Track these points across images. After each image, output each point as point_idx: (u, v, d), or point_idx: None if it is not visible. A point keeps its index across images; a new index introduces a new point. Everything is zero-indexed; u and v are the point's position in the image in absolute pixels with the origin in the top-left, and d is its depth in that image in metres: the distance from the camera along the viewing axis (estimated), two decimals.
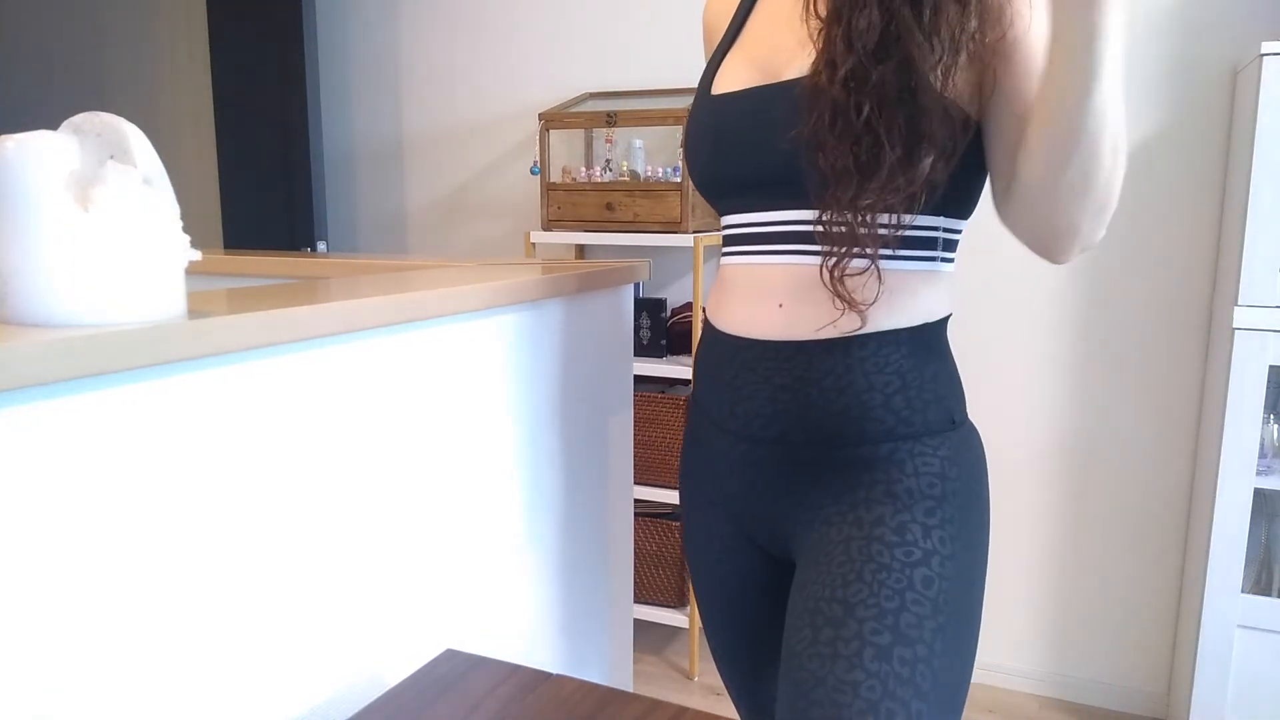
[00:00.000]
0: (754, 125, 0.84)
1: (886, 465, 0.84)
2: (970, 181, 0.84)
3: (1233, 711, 1.83)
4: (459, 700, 0.82)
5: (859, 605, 0.80)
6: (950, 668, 0.80)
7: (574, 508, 1.35)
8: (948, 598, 0.81)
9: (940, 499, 0.84)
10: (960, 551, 0.83)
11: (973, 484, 0.86)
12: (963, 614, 0.82)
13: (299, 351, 0.83)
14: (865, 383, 0.83)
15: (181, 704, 0.75)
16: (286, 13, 2.71)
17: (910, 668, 0.78)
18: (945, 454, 0.85)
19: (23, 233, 0.62)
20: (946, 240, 0.85)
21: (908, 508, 0.83)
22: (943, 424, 0.86)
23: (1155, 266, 2.03)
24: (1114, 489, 2.13)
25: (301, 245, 2.79)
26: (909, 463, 0.84)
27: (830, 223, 0.78)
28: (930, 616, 0.80)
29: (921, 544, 0.82)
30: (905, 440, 0.84)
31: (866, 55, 0.74)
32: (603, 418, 1.41)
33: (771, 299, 0.85)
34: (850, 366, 0.83)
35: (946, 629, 0.80)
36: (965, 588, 0.83)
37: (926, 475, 0.85)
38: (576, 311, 1.31)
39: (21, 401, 0.61)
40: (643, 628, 2.47)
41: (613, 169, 2.33)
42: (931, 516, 0.83)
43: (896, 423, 0.84)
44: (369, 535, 0.94)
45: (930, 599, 0.80)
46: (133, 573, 0.70)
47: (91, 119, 0.67)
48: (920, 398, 0.84)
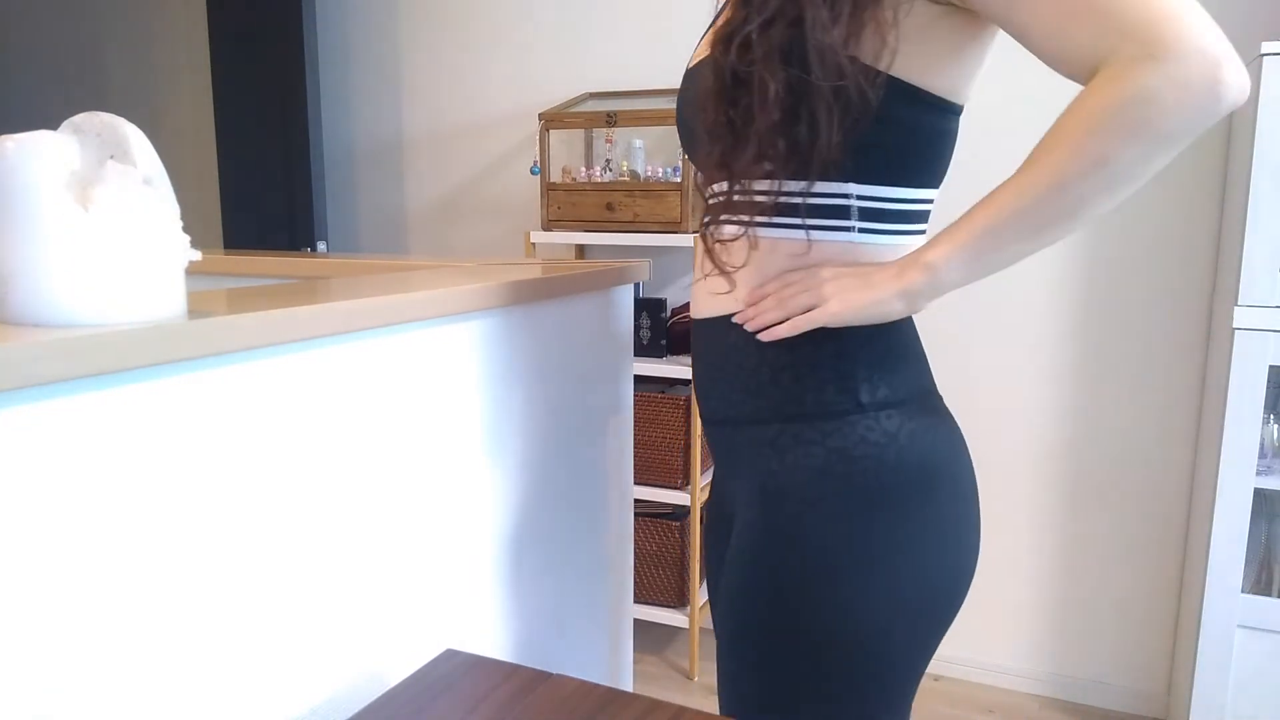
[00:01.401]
0: (690, 95, 0.83)
1: (769, 452, 0.79)
2: (893, 145, 0.76)
3: (1233, 711, 1.83)
4: (459, 700, 0.82)
5: (725, 625, 0.83)
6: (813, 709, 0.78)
7: (574, 508, 1.35)
8: (800, 638, 0.77)
9: (812, 503, 0.76)
10: (825, 574, 0.75)
11: (880, 485, 0.76)
12: (826, 655, 0.76)
13: (299, 351, 0.83)
14: (757, 357, 0.79)
15: (182, 704, 0.75)
16: (286, 13, 2.71)
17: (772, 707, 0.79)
18: (837, 444, 0.76)
19: (23, 233, 0.62)
20: (865, 209, 0.77)
21: (774, 512, 0.78)
22: (844, 406, 0.76)
23: (1155, 267, 2.03)
24: (1114, 489, 2.13)
25: (301, 245, 2.79)
26: (790, 452, 0.77)
27: (703, 187, 0.78)
28: (773, 663, 0.78)
29: (773, 570, 0.77)
30: (792, 422, 0.77)
31: (759, 15, 0.71)
32: (603, 418, 1.41)
33: (700, 273, 0.86)
34: (747, 340, 0.79)
35: (800, 669, 0.77)
36: (829, 624, 0.76)
37: (804, 470, 0.77)
38: (577, 311, 1.31)
39: (21, 401, 0.61)
40: (643, 628, 2.47)
41: (613, 169, 2.33)
42: (797, 526, 0.76)
43: (784, 400, 0.78)
44: (369, 535, 0.94)
45: (766, 638, 0.78)
46: (133, 573, 0.70)
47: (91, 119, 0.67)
48: (814, 375, 0.77)
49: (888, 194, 0.78)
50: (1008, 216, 0.69)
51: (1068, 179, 0.66)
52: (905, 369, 0.79)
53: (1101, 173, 0.65)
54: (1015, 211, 0.69)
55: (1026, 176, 0.68)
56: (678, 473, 2.24)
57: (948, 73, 0.74)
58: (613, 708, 0.80)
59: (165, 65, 3.18)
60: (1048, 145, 0.67)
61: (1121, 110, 0.63)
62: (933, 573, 0.78)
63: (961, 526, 0.80)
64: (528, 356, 1.19)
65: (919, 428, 0.78)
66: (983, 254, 0.71)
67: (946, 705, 2.20)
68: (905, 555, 0.76)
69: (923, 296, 0.74)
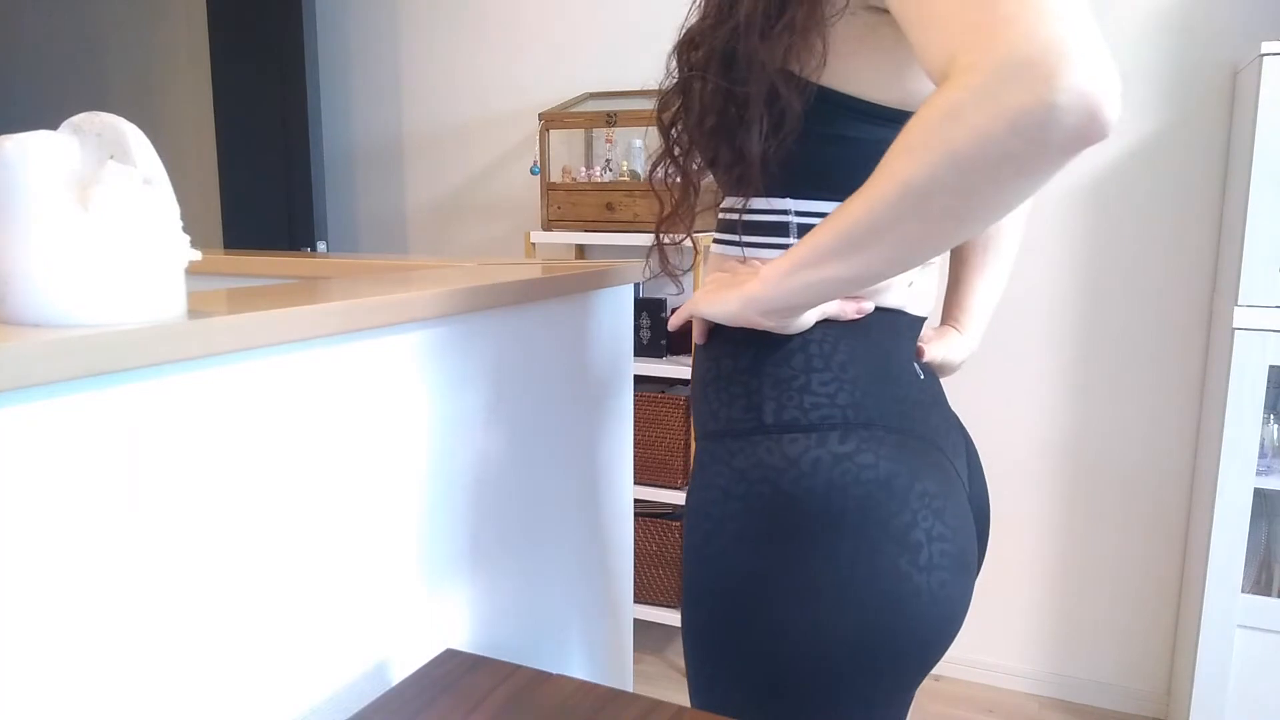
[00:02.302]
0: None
1: (697, 467, 0.77)
2: (834, 158, 0.71)
3: (1233, 711, 1.83)
4: (459, 700, 0.82)
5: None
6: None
7: (574, 508, 1.35)
8: (722, 653, 0.73)
9: (719, 521, 0.72)
10: (731, 602, 0.71)
11: (775, 512, 0.69)
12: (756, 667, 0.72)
13: (299, 351, 0.83)
14: (698, 372, 0.79)
15: (182, 704, 0.75)
16: (287, 13, 2.71)
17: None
18: (741, 465, 0.71)
19: (23, 233, 0.62)
20: (805, 226, 0.72)
21: (690, 532, 0.76)
22: (748, 425, 0.71)
23: (1155, 266, 2.03)
24: (1114, 489, 2.13)
25: (301, 245, 2.79)
26: (705, 470, 0.74)
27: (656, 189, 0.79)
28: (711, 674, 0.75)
29: (691, 587, 0.75)
30: (708, 439, 0.75)
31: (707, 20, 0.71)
32: (603, 418, 1.41)
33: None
34: (699, 354, 0.80)
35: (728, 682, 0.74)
36: (751, 643, 0.71)
37: (713, 489, 0.73)
38: (576, 311, 1.31)
39: (21, 401, 0.61)
40: (643, 628, 2.47)
41: (613, 169, 2.33)
42: (705, 550, 0.73)
43: (708, 417, 0.76)
44: (369, 535, 0.94)
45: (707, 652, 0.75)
46: (133, 572, 0.70)
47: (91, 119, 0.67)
48: (728, 389, 0.73)
49: (825, 210, 0.73)
50: (832, 237, 0.62)
51: (877, 204, 0.58)
52: (830, 391, 0.71)
53: (905, 196, 0.56)
54: (838, 233, 0.62)
55: (853, 197, 0.61)
56: (678, 473, 2.24)
57: (894, 83, 0.68)
58: (613, 708, 0.80)
59: (165, 65, 3.18)
60: (879, 165, 0.59)
61: (928, 131, 0.54)
62: (838, 627, 0.69)
63: (888, 581, 0.69)
64: (528, 356, 1.19)
65: (828, 456, 0.69)
66: (806, 271, 0.64)
67: (946, 705, 2.20)
68: (806, 597, 0.69)
69: (755, 305, 0.69)
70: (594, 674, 1.46)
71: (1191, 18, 1.93)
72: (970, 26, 0.51)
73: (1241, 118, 1.82)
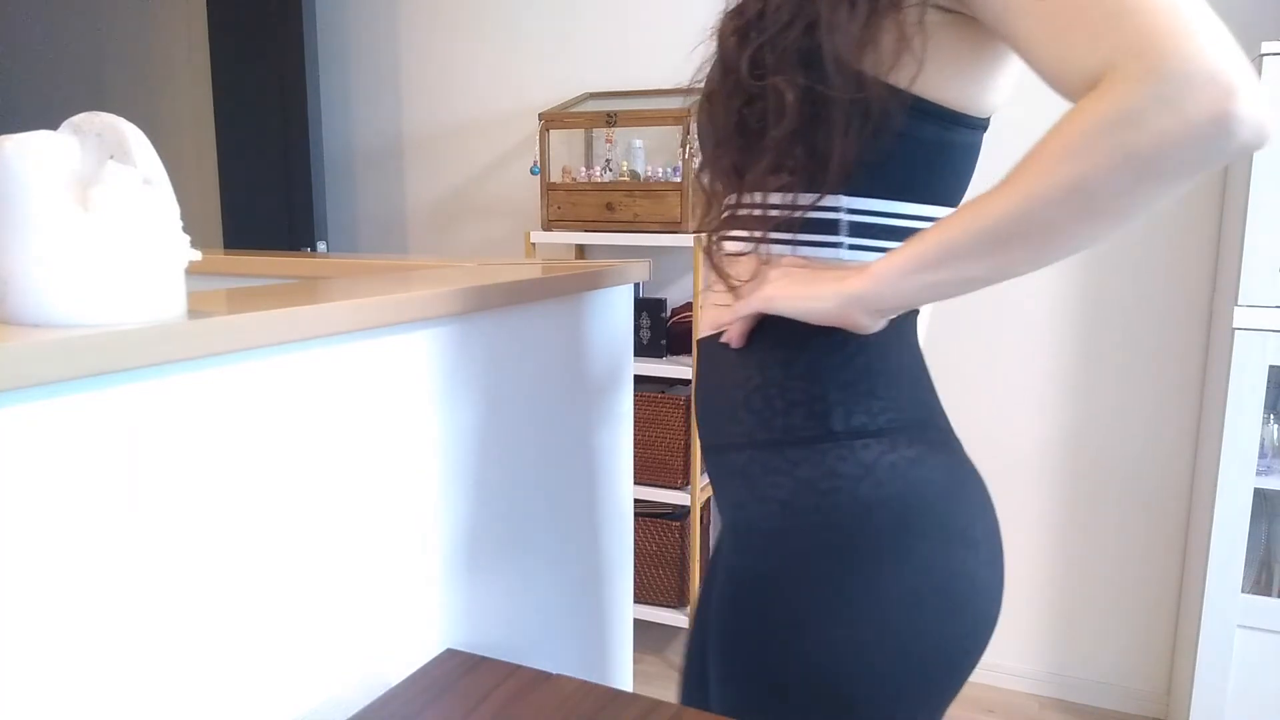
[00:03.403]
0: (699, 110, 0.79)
1: (740, 482, 0.73)
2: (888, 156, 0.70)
3: (1233, 711, 1.83)
4: (459, 700, 0.82)
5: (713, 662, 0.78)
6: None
7: (574, 508, 1.35)
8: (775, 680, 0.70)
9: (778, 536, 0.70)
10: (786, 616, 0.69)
11: (853, 522, 0.68)
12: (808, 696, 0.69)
13: (299, 351, 0.83)
14: (731, 378, 0.74)
15: (181, 704, 0.75)
16: (287, 13, 2.71)
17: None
18: (809, 474, 0.69)
19: (23, 233, 0.62)
20: (854, 224, 0.72)
21: (743, 549, 0.73)
22: (812, 434, 0.69)
23: (1155, 266, 2.03)
24: (1114, 489, 2.13)
25: (301, 245, 2.79)
26: (759, 482, 0.71)
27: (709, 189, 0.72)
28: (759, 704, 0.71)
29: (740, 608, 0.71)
30: (762, 449, 0.71)
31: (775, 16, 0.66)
32: (603, 418, 1.41)
33: (704, 288, 0.84)
34: (725, 360, 0.75)
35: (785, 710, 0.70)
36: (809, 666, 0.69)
37: (770, 503, 0.70)
38: (576, 311, 1.31)
39: (21, 401, 0.61)
40: (643, 628, 2.47)
41: (613, 169, 2.33)
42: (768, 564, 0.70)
43: (755, 425, 0.72)
44: (369, 535, 0.94)
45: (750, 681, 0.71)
46: (132, 573, 0.70)
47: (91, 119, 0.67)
48: (784, 396, 0.71)
49: (879, 208, 0.72)
50: (964, 235, 0.62)
51: (1035, 203, 0.59)
52: (892, 394, 0.71)
53: (1073, 198, 0.57)
54: (973, 231, 0.62)
55: (991, 196, 0.62)
56: (678, 473, 2.24)
57: (956, 83, 0.69)
58: (613, 708, 0.80)
59: (165, 65, 3.18)
60: (1022, 165, 0.60)
61: (1101, 133, 0.55)
62: (916, 634, 0.68)
63: (960, 581, 0.69)
64: (528, 356, 1.19)
65: (903, 460, 0.69)
66: (931, 270, 0.64)
67: None
68: (880, 608, 0.68)
69: (858, 304, 0.67)
70: (594, 674, 1.46)
71: None
72: (1140, 35, 0.53)
73: None
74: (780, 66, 0.65)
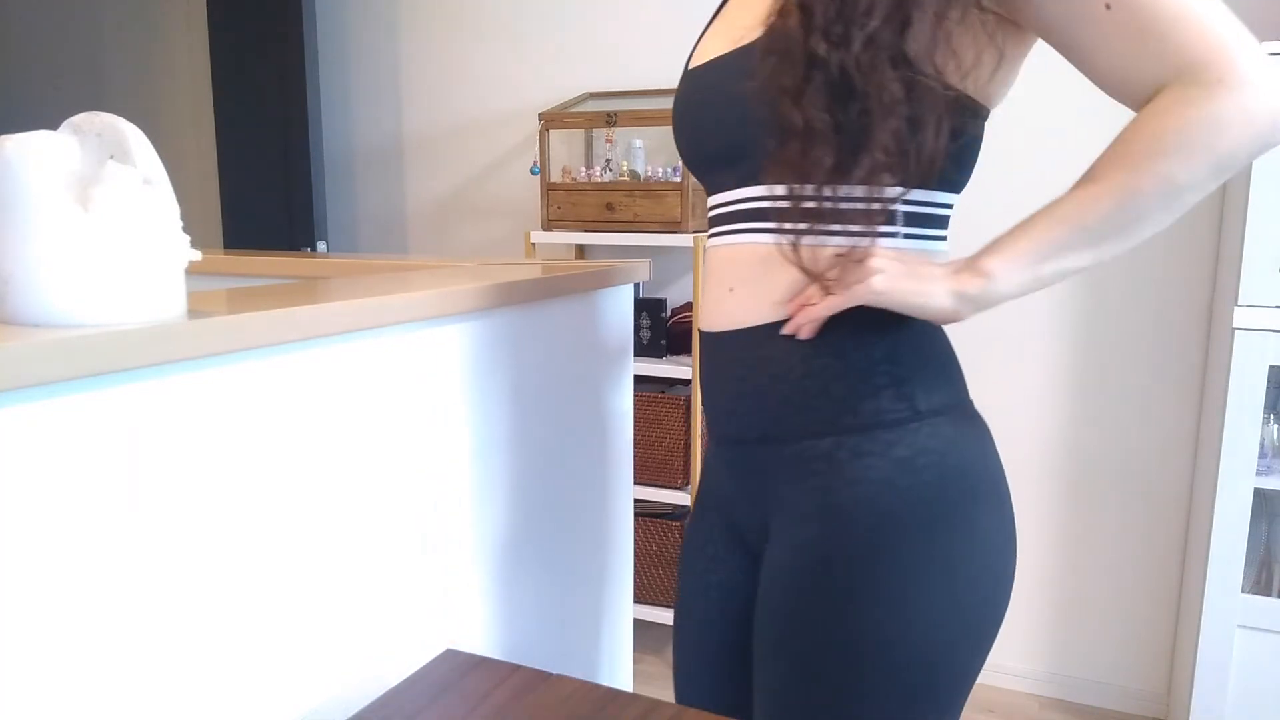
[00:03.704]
0: (713, 96, 0.79)
1: (825, 468, 0.75)
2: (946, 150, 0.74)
3: (1233, 711, 1.83)
4: (459, 700, 0.82)
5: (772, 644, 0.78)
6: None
7: (574, 508, 1.35)
8: (872, 656, 0.73)
9: (882, 518, 0.73)
10: (904, 590, 0.72)
11: (942, 495, 0.73)
12: (899, 670, 0.73)
13: (299, 351, 0.83)
14: (803, 367, 0.75)
15: (181, 704, 0.75)
16: (287, 13, 2.71)
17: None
18: (901, 454, 0.73)
19: (23, 233, 0.62)
20: (907, 214, 0.76)
21: (839, 530, 0.74)
22: (902, 415, 0.73)
23: (1155, 266, 2.03)
24: (1114, 489, 2.13)
25: (301, 245, 2.79)
26: (849, 466, 0.73)
27: (800, 196, 0.71)
28: (854, 681, 0.73)
29: (846, 587, 0.73)
30: (849, 434, 0.74)
31: (866, 16, 0.66)
32: (603, 418, 1.41)
33: (724, 285, 0.80)
34: (789, 351, 0.75)
35: (877, 686, 0.73)
36: (906, 640, 0.73)
37: (869, 484, 0.73)
38: (576, 311, 1.31)
39: (21, 401, 0.61)
40: (643, 628, 2.47)
41: (613, 169, 2.33)
42: (868, 545, 0.73)
43: (839, 412, 0.74)
44: (369, 535, 0.94)
45: (849, 659, 0.73)
46: (132, 573, 0.70)
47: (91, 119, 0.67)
48: (868, 382, 0.74)
49: (927, 198, 0.76)
50: (1070, 230, 0.69)
51: (1132, 197, 0.66)
52: (949, 376, 0.78)
53: (1165, 192, 0.66)
54: (1078, 227, 0.68)
55: (1092, 192, 0.68)
56: (678, 473, 2.24)
57: (988, 81, 0.73)
58: (613, 708, 0.80)
59: (165, 65, 3.18)
60: (1116, 162, 0.67)
61: (1192, 133, 0.64)
62: (987, 582, 0.75)
63: (1005, 532, 0.78)
64: (527, 356, 1.19)
65: (963, 435, 0.76)
66: (1041, 266, 0.70)
67: None
68: (966, 564, 0.74)
69: (973, 303, 0.72)
70: (594, 674, 1.46)
71: None
72: (1206, 48, 0.64)
73: None
74: (875, 66, 0.67)
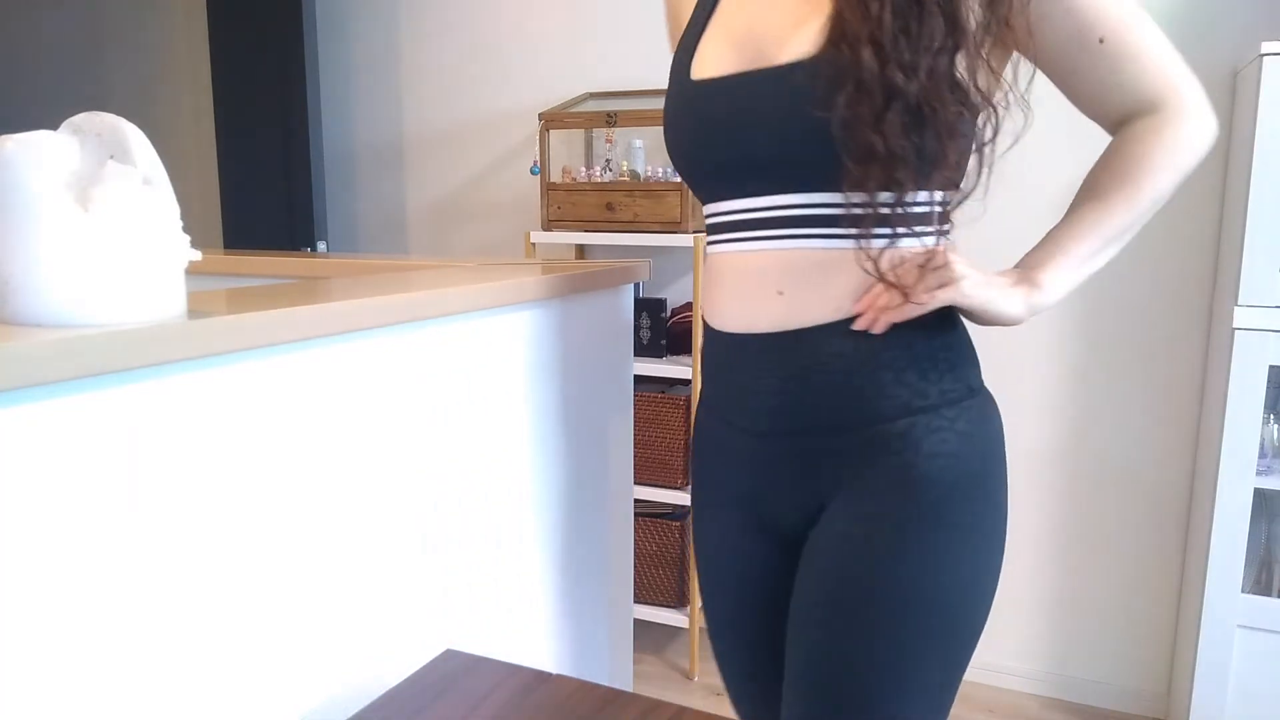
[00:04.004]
0: (747, 111, 0.82)
1: (901, 445, 0.82)
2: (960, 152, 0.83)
3: (1233, 711, 1.83)
4: (459, 700, 0.82)
5: (851, 613, 0.82)
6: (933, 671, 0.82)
7: (574, 508, 1.35)
8: (933, 608, 0.81)
9: (952, 486, 0.82)
10: (961, 548, 0.82)
11: (990, 462, 0.85)
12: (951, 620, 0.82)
13: (299, 351, 0.83)
14: (874, 360, 0.82)
15: (181, 704, 0.75)
16: (286, 12, 2.71)
17: (890, 674, 0.81)
18: (963, 428, 0.83)
19: (23, 233, 0.62)
20: (940, 214, 0.84)
21: (915, 499, 0.82)
22: (960, 393, 0.84)
23: (1155, 266, 2.03)
24: (1114, 489, 2.13)
25: (301, 245, 2.79)
26: (924, 441, 0.82)
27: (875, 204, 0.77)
28: (914, 631, 0.81)
29: (917, 548, 0.81)
30: (922, 414, 0.82)
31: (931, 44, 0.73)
32: (603, 418, 1.41)
33: (770, 287, 0.84)
34: (858, 346, 0.82)
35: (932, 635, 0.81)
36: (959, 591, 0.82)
37: (940, 458, 0.82)
38: (576, 311, 1.31)
39: (21, 401, 0.61)
40: (643, 628, 2.47)
41: (613, 169, 2.33)
42: (938, 510, 0.82)
43: (911, 396, 0.82)
44: (369, 535, 0.94)
45: (914, 612, 0.80)
46: (132, 573, 0.70)
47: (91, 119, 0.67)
48: (934, 368, 0.83)
49: (944, 198, 0.84)
50: (1096, 240, 0.83)
51: (1136, 206, 0.82)
52: (977, 360, 0.89)
53: (1155, 200, 0.82)
54: (1101, 236, 0.83)
55: (1106, 206, 0.83)
56: (678, 473, 2.24)
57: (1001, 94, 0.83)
58: (613, 708, 0.80)
59: (165, 65, 3.18)
60: (1118, 179, 0.83)
61: (1178, 153, 0.80)
62: (1002, 540, 0.88)
63: (1007, 499, 0.90)
64: (527, 356, 1.19)
65: (994, 410, 0.89)
66: (1078, 273, 0.84)
67: None
68: (996, 525, 0.86)
69: (1032, 310, 0.83)
70: (594, 674, 1.46)
71: (1191, 18, 1.93)
72: (1175, 78, 0.81)
73: (1241, 118, 1.82)
74: (940, 93, 0.74)
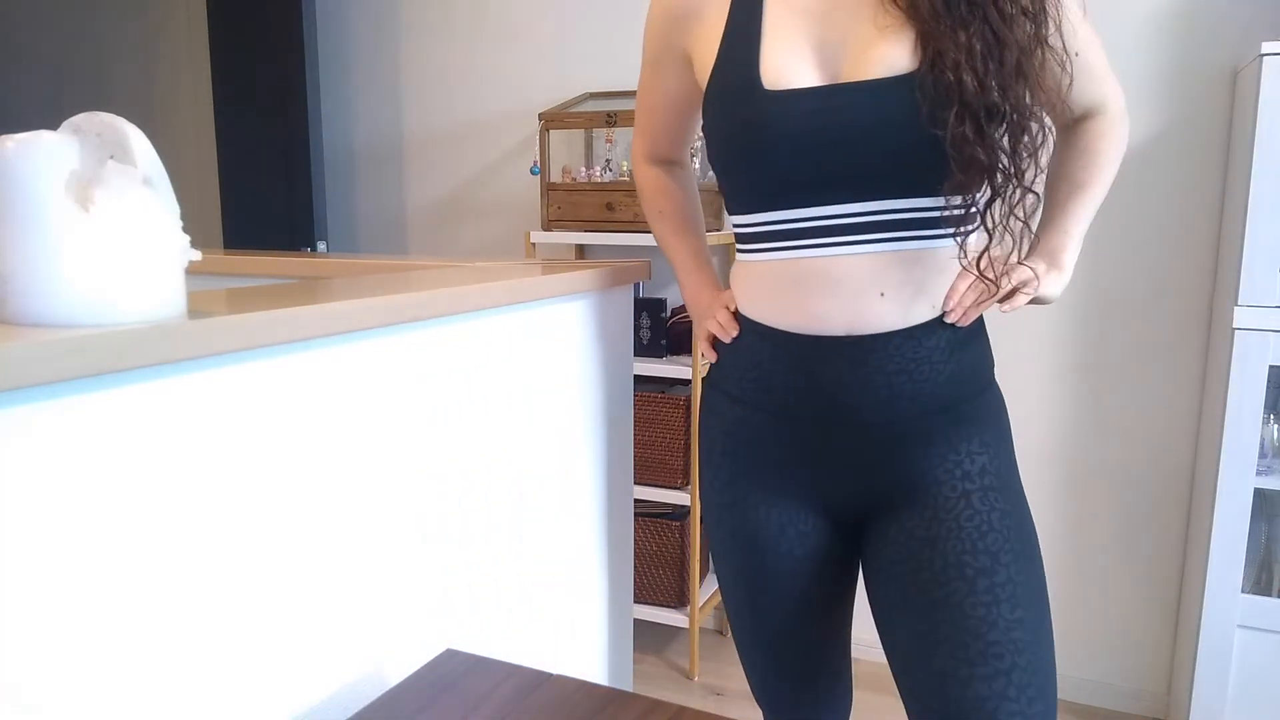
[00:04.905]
0: (850, 123, 0.87)
1: (982, 415, 0.98)
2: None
3: (1233, 711, 1.83)
4: (459, 700, 0.82)
5: (998, 551, 0.96)
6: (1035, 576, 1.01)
7: (574, 508, 1.35)
8: (1036, 548, 1.02)
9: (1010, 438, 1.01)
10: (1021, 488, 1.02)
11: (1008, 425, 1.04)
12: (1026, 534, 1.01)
13: (299, 351, 0.83)
14: (963, 351, 0.96)
15: (182, 703, 0.75)
16: (287, 13, 2.71)
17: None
18: (994, 398, 1.01)
19: (23, 233, 0.62)
20: (1023, 215, 0.96)
21: (997, 455, 0.98)
22: (990, 375, 1.02)
23: (1155, 266, 2.03)
24: (1114, 489, 2.13)
25: (301, 245, 2.79)
26: (995, 410, 1.00)
27: (993, 212, 0.88)
28: (1015, 556, 0.98)
29: (1011, 489, 0.98)
30: (988, 387, 1.00)
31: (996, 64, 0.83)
32: (603, 418, 1.41)
33: (869, 290, 0.91)
34: (950, 340, 0.95)
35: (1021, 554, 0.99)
36: (1030, 516, 1.01)
37: (1005, 418, 1.02)
38: (576, 312, 1.31)
39: (21, 401, 0.61)
40: (643, 628, 2.47)
41: (613, 169, 2.33)
42: (1009, 458, 1.00)
43: (983, 375, 1.00)
44: (369, 535, 0.94)
45: (1010, 539, 0.97)
46: (133, 573, 0.70)
47: (91, 119, 0.67)
48: (984, 358, 1.01)
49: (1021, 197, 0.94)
50: (1086, 221, 1.01)
51: (1105, 189, 1.02)
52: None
53: (1109, 184, 1.02)
54: (1087, 218, 1.01)
55: (1089, 192, 1.01)
56: (678, 473, 2.24)
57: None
58: (613, 708, 0.80)
59: (165, 65, 3.18)
60: (1091, 169, 1.00)
61: (1121, 147, 1.02)
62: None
63: None
64: (527, 356, 1.19)
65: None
66: (1077, 251, 1.01)
67: None
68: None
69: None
70: (594, 674, 1.46)
71: (1191, 18, 1.93)
72: (1112, 87, 1.00)
73: (1241, 118, 1.82)
74: (1027, 110, 0.85)
